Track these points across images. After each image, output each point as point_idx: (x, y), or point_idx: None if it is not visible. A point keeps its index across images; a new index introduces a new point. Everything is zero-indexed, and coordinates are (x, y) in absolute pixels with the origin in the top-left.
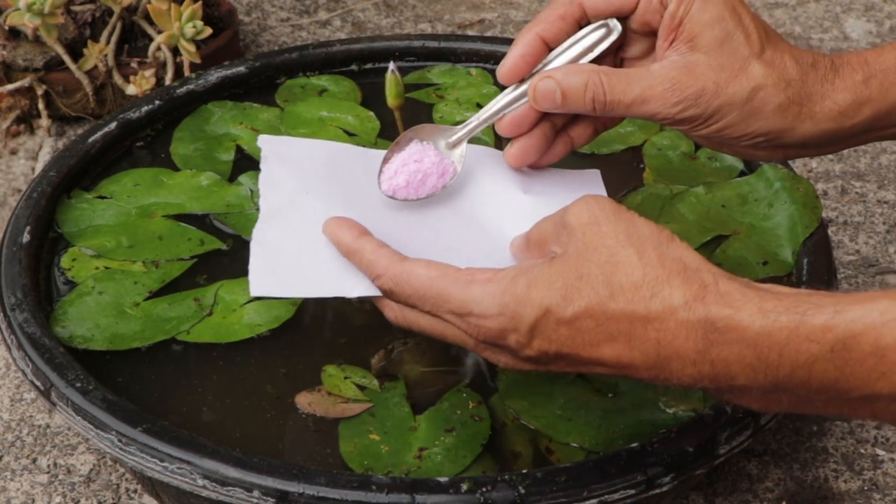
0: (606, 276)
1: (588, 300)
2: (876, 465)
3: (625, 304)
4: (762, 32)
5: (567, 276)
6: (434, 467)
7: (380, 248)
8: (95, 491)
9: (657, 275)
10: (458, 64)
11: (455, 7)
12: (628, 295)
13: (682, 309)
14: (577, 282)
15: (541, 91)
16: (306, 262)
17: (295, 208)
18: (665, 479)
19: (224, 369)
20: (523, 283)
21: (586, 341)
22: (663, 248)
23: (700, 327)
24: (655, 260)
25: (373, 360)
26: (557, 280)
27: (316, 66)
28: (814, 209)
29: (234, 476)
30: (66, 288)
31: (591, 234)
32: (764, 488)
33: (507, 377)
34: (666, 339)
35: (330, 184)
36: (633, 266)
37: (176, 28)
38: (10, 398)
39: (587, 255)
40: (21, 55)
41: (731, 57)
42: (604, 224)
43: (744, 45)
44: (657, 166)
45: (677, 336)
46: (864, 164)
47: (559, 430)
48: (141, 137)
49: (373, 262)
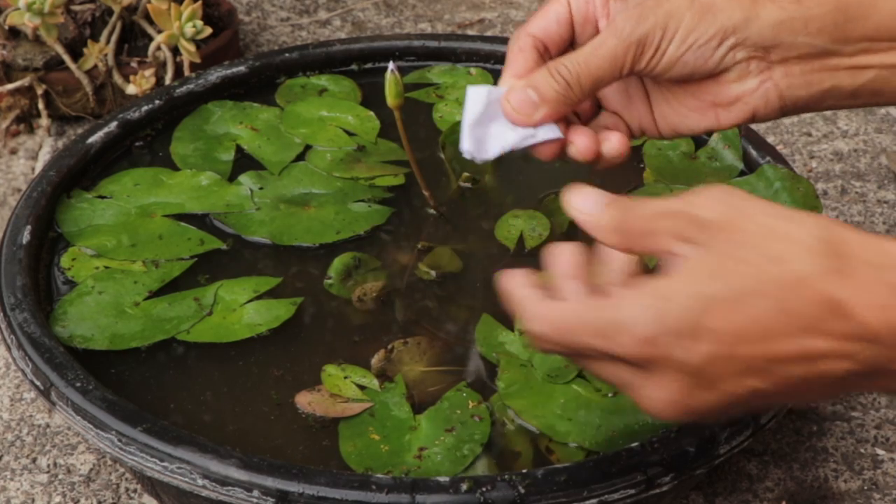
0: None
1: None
2: (876, 465)
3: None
4: None
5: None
6: (434, 467)
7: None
8: (95, 491)
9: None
10: (458, 64)
11: (455, 7)
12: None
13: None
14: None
15: (516, 102)
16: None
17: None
18: (665, 479)
19: (224, 369)
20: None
21: (776, 330)
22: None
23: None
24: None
25: (373, 360)
26: (709, 271)
27: (316, 65)
28: (814, 209)
29: (234, 476)
30: (66, 287)
31: (737, 223)
32: (764, 488)
33: (507, 377)
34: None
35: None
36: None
37: (176, 28)
38: (9, 398)
39: (741, 241)
40: (21, 55)
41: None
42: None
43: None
44: (657, 166)
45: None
46: (864, 164)
47: (559, 430)
48: (141, 137)
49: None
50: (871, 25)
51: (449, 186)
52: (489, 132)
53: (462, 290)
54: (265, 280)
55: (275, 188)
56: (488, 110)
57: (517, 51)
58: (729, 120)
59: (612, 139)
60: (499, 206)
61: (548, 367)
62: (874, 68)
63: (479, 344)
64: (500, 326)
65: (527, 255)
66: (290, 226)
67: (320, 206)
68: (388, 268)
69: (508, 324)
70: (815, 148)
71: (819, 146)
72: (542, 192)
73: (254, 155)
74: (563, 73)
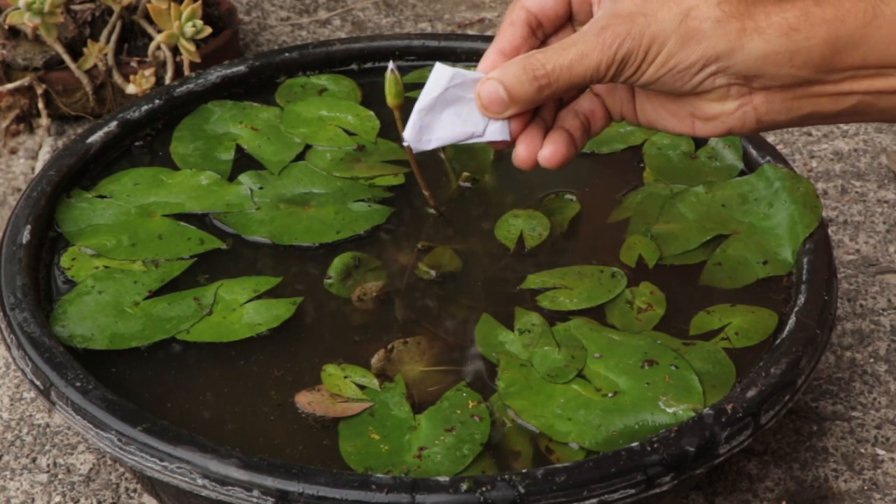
0: None
1: None
2: (876, 465)
3: None
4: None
5: None
6: (434, 467)
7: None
8: (95, 490)
9: None
10: (458, 63)
11: (455, 6)
12: None
13: None
14: None
15: (486, 96)
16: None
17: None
18: (665, 479)
19: (224, 369)
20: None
21: None
22: None
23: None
24: None
25: (373, 359)
26: None
27: (316, 65)
28: (814, 208)
29: (233, 475)
30: (66, 287)
31: None
32: (764, 488)
33: (507, 377)
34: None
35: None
36: None
37: (176, 27)
38: (9, 397)
39: None
40: (21, 54)
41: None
42: None
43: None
44: (657, 165)
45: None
46: (865, 164)
47: (559, 429)
48: (141, 137)
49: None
50: (860, 56)
51: (449, 186)
52: (439, 119)
53: (462, 290)
54: (265, 280)
55: (275, 188)
56: (447, 94)
57: (508, 24)
58: (705, 131)
59: (547, 151)
60: (499, 206)
61: (548, 367)
62: (858, 94)
63: (478, 344)
64: (500, 326)
65: (527, 255)
66: (289, 225)
67: (320, 206)
68: (388, 268)
69: (508, 324)
70: (816, 147)
71: (819, 146)
72: (542, 192)
73: (254, 155)
74: (539, 74)
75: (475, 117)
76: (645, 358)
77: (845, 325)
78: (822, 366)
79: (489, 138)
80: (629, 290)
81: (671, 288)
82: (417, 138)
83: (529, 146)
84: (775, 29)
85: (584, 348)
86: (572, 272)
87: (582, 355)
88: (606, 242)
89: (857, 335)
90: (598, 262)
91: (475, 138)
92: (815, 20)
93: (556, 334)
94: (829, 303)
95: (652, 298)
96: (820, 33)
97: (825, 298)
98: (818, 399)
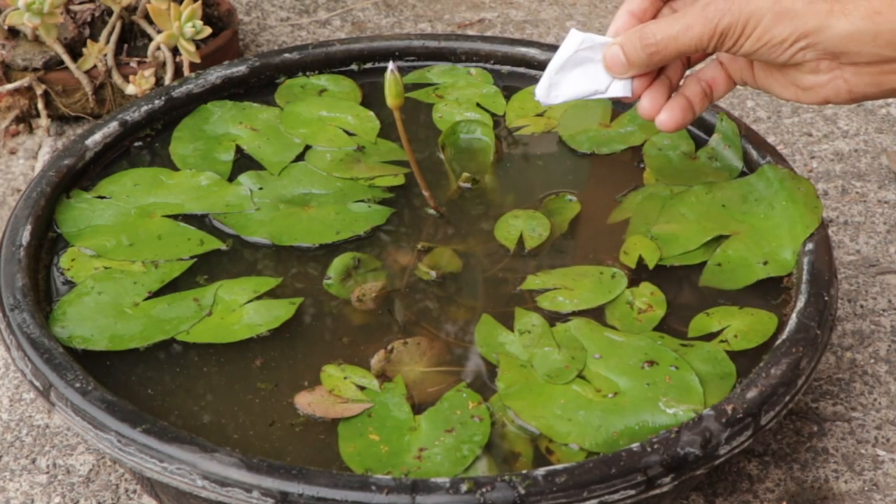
0: None
1: None
2: (876, 466)
3: None
4: None
5: None
6: (434, 468)
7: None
8: (95, 491)
9: None
10: (458, 64)
11: (455, 7)
12: None
13: None
14: None
15: (609, 59)
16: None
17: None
18: (665, 480)
19: (224, 369)
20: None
21: None
22: None
23: None
24: None
25: (372, 360)
26: None
27: (316, 65)
28: (814, 209)
29: (233, 476)
30: (66, 288)
31: None
32: (764, 489)
33: (507, 377)
34: None
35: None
36: None
37: (175, 28)
38: (9, 398)
39: None
40: (20, 55)
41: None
42: None
43: None
44: (657, 166)
45: None
46: (865, 165)
47: (559, 430)
48: (140, 137)
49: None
50: None
51: (449, 187)
52: (567, 77)
53: (462, 290)
54: (265, 280)
55: (274, 188)
56: (576, 56)
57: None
58: (805, 99)
59: (664, 116)
60: (499, 206)
61: (548, 367)
62: None
63: (478, 344)
64: (500, 327)
65: (527, 255)
66: (289, 226)
67: (320, 207)
68: (388, 268)
69: (508, 324)
70: (816, 148)
71: (819, 146)
72: (542, 193)
73: (253, 155)
74: (649, 42)
75: (601, 76)
76: (645, 359)
77: (846, 325)
78: (823, 366)
79: (612, 94)
80: (629, 291)
81: (671, 288)
82: (546, 94)
83: (653, 101)
84: (861, 11)
85: (584, 349)
86: (572, 273)
87: (582, 356)
88: (606, 243)
89: (858, 336)
90: (598, 262)
91: (598, 94)
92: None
93: (556, 335)
94: (830, 303)
95: (652, 299)
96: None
97: (825, 299)
98: (818, 400)
